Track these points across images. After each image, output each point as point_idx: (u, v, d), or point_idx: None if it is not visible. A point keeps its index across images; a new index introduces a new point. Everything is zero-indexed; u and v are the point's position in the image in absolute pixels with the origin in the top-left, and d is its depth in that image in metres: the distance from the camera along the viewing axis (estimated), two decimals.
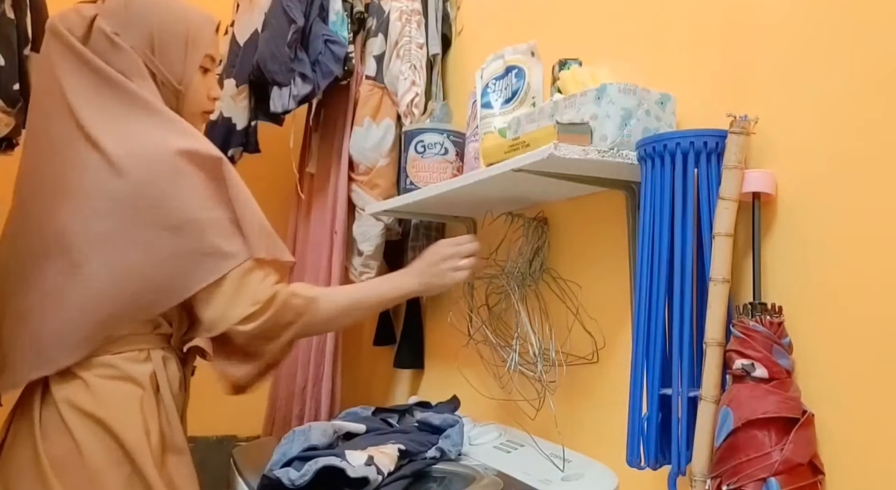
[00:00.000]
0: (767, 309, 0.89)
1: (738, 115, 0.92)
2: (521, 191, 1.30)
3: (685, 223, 0.95)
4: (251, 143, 1.89)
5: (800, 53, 0.91)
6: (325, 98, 1.88)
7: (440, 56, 1.84)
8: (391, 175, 1.77)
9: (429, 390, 1.84)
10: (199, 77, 1.14)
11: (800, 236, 0.90)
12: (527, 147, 1.08)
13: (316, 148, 1.94)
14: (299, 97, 1.70)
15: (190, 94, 1.13)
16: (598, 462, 1.17)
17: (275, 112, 1.76)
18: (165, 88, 1.10)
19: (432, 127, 1.58)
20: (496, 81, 1.35)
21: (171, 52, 1.10)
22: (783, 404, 0.83)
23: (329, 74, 1.70)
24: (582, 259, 1.31)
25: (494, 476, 1.11)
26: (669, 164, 0.96)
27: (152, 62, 1.08)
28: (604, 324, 1.24)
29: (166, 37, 1.09)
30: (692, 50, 1.09)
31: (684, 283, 0.94)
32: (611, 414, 1.20)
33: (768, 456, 0.82)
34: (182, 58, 1.11)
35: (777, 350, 0.86)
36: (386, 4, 1.78)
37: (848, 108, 0.85)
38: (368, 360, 2.14)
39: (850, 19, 0.85)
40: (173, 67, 1.10)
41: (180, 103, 1.12)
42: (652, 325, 0.97)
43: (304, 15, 1.72)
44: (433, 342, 1.85)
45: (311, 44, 1.72)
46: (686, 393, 0.94)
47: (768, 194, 0.92)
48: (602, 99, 1.03)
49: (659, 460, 0.98)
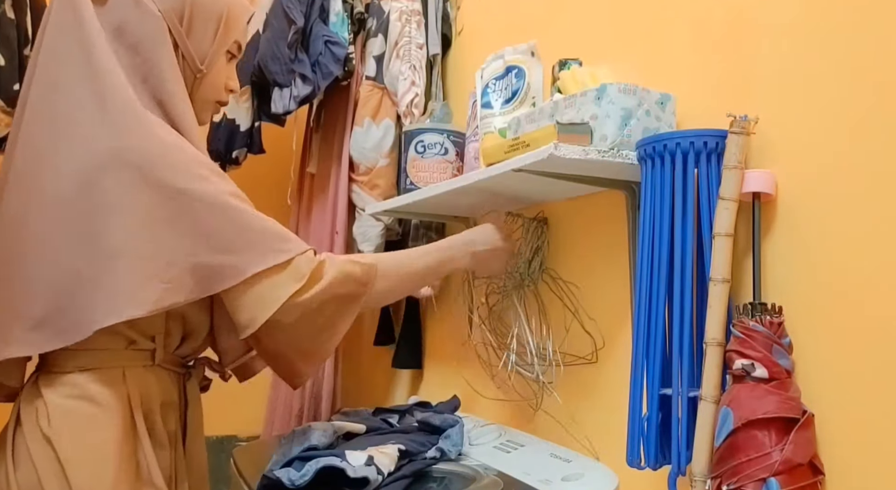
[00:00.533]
0: (767, 309, 0.89)
1: (738, 115, 0.92)
2: (521, 191, 1.30)
3: (685, 223, 0.95)
4: (255, 143, 1.89)
5: (800, 53, 0.91)
6: (325, 99, 1.89)
7: (440, 56, 1.84)
8: (391, 175, 1.77)
9: (428, 390, 1.84)
10: (223, 62, 1.06)
11: (800, 236, 0.90)
12: (527, 147, 1.08)
13: (316, 148, 1.94)
14: (299, 98, 1.71)
15: (210, 77, 1.05)
16: (598, 462, 1.17)
17: (276, 113, 1.76)
18: (186, 64, 1.01)
19: (432, 127, 1.58)
20: (496, 81, 1.35)
21: (201, 28, 1.01)
22: (783, 404, 0.83)
23: (329, 75, 1.70)
24: (582, 259, 1.31)
25: (494, 476, 1.11)
26: (669, 164, 0.96)
27: (178, 32, 0.99)
28: (603, 324, 1.24)
29: (201, 10, 1.01)
30: (692, 50, 1.09)
31: (684, 283, 0.94)
32: (611, 414, 1.20)
33: (768, 456, 0.82)
34: (212, 37, 1.02)
35: (777, 350, 0.86)
36: (386, 5, 1.79)
37: (848, 108, 0.85)
38: (368, 360, 2.14)
39: (850, 19, 0.85)
40: (201, 45, 1.02)
41: (197, 85, 1.04)
42: (652, 324, 0.97)
43: (305, 16, 1.72)
44: (433, 342, 1.84)
45: (311, 44, 1.72)
46: (686, 393, 0.94)
47: (768, 194, 0.92)
48: (602, 99, 1.03)
49: (659, 460, 0.98)
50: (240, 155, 1.86)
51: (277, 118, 1.85)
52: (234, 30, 1.06)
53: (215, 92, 1.07)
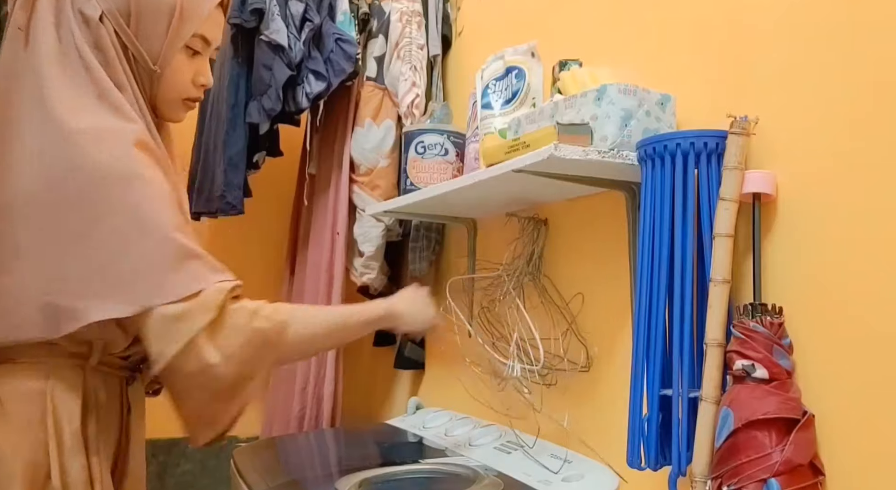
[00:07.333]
0: (768, 309, 0.89)
1: (738, 115, 0.92)
2: (521, 191, 1.30)
3: (685, 224, 0.95)
4: (274, 146, 1.90)
5: (800, 53, 0.91)
6: (326, 99, 1.88)
7: (441, 57, 1.84)
8: (392, 176, 1.77)
9: (429, 391, 1.84)
10: (182, 58, 0.96)
11: (800, 236, 0.90)
12: (527, 148, 1.08)
13: (316, 149, 1.94)
14: (313, 95, 1.71)
15: (167, 75, 0.95)
16: (598, 463, 1.17)
17: (289, 111, 1.75)
18: (139, 66, 0.93)
19: (433, 128, 1.58)
20: (496, 82, 1.35)
21: (150, 24, 0.92)
22: (784, 405, 0.83)
23: (341, 72, 1.71)
24: (582, 260, 1.31)
25: (495, 477, 1.11)
26: (669, 164, 0.96)
27: (126, 32, 0.91)
28: (604, 324, 1.24)
29: (148, 5, 0.92)
30: (692, 50, 1.09)
31: (684, 284, 0.94)
32: (611, 414, 1.20)
33: (769, 457, 0.82)
34: (163, 33, 0.93)
35: (777, 351, 0.86)
36: (387, 5, 1.79)
37: (848, 109, 0.85)
38: (369, 360, 2.14)
39: (850, 19, 0.85)
40: (151, 43, 0.93)
41: (155, 86, 0.95)
42: (652, 325, 0.97)
43: (317, 12, 1.73)
44: (433, 343, 1.84)
45: (322, 42, 1.73)
46: (686, 394, 0.94)
47: (768, 195, 0.92)
48: (602, 100, 1.03)
49: (659, 461, 0.98)
50: (259, 159, 1.86)
51: (291, 118, 1.85)
52: (191, 21, 0.95)
53: (179, 90, 0.98)
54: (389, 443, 1.54)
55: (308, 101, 1.72)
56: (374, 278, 1.82)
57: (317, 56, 1.72)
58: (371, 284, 1.84)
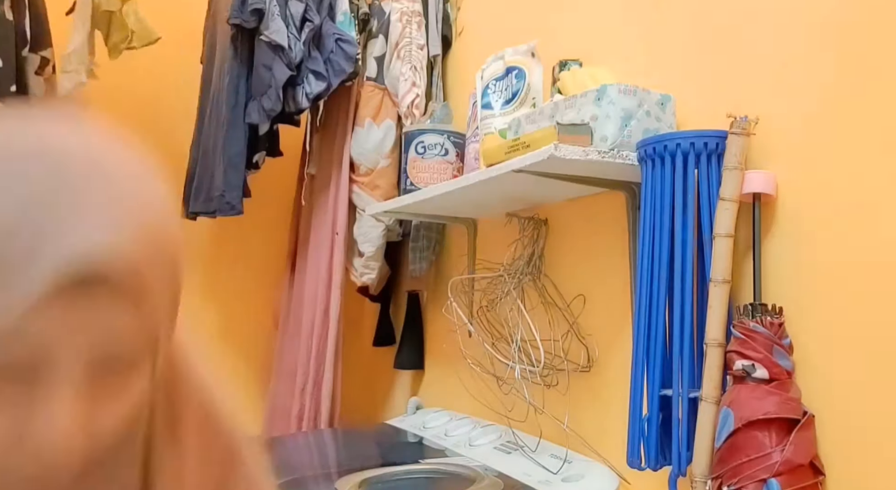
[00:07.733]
0: (768, 310, 0.89)
1: (738, 115, 0.92)
2: (521, 192, 1.30)
3: (685, 224, 0.95)
4: (274, 146, 1.90)
5: (800, 54, 0.91)
6: (326, 99, 1.88)
7: (441, 57, 1.84)
8: (392, 176, 1.77)
9: (429, 391, 1.84)
10: None
11: (800, 237, 0.90)
12: (527, 148, 1.08)
13: (316, 149, 1.94)
14: (313, 95, 1.71)
15: None
16: (598, 463, 1.17)
17: (288, 111, 1.75)
18: None
19: (433, 128, 1.58)
20: (496, 82, 1.35)
21: None
22: (784, 405, 0.83)
23: (342, 72, 1.71)
24: (582, 260, 1.31)
25: (495, 477, 1.11)
26: (670, 164, 0.96)
27: None
28: (604, 325, 1.24)
29: None
30: (692, 50, 1.08)
31: (685, 284, 0.94)
32: (611, 415, 1.20)
33: (769, 457, 0.82)
34: None
35: (777, 351, 0.86)
36: (387, 6, 1.79)
37: (848, 109, 0.85)
38: (369, 360, 2.14)
39: (850, 20, 0.85)
40: None
41: None
42: (652, 325, 0.97)
43: (317, 12, 1.72)
44: (433, 343, 1.84)
45: (322, 42, 1.73)
46: (686, 394, 0.94)
47: (768, 195, 0.92)
48: (602, 100, 1.03)
49: (659, 461, 0.98)
50: (259, 159, 1.85)
51: (290, 118, 1.85)
52: None
53: None
54: (389, 443, 1.54)
55: (308, 102, 1.72)
56: (374, 278, 1.82)
57: (317, 56, 1.72)
58: (371, 284, 1.84)
